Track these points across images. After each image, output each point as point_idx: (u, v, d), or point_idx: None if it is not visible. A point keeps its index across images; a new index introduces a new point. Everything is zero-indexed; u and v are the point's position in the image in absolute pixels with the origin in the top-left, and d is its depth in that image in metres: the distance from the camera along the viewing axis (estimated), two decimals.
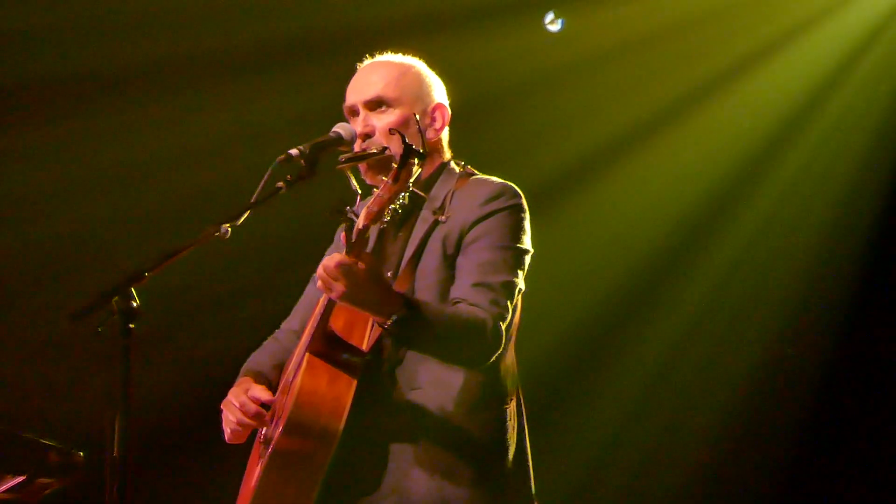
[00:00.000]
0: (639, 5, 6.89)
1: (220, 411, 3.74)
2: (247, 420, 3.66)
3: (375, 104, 3.79)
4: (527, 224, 3.72)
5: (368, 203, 3.36)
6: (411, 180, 3.32)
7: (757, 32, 6.95)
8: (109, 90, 6.44)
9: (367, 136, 3.77)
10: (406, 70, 3.86)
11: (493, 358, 3.57)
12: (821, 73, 6.96)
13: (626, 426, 7.04)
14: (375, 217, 3.34)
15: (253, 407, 3.66)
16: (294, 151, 3.64)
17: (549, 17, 6.94)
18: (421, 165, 3.34)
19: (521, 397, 3.76)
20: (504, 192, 3.71)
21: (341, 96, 3.90)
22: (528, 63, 6.92)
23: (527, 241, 3.71)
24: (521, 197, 3.73)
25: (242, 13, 6.54)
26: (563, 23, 6.94)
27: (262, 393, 3.70)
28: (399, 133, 3.44)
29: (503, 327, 3.55)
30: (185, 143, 6.55)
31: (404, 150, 3.30)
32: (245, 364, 3.92)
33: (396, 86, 3.80)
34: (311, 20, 6.60)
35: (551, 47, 6.93)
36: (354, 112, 3.83)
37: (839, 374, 6.75)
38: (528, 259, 3.70)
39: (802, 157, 6.99)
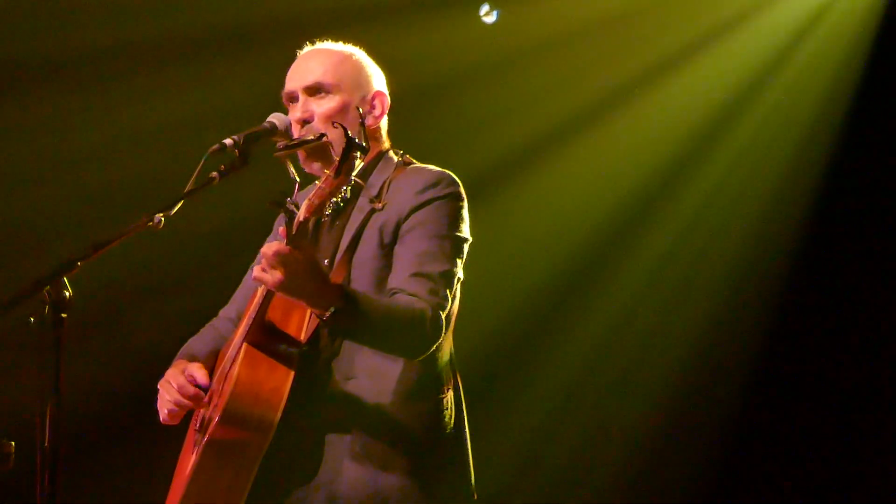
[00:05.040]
0: None
1: (156, 396, 3.71)
2: (184, 401, 3.64)
3: (315, 90, 3.77)
4: (465, 212, 3.71)
5: (310, 195, 3.34)
6: (353, 174, 3.31)
7: (690, 27, 7.00)
8: (41, 78, 6.36)
9: (306, 121, 3.75)
10: (346, 57, 3.85)
11: (433, 348, 3.56)
12: (753, 69, 7.02)
13: (561, 415, 7.08)
14: (316, 210, 3.32)
15: (191, 389, 3.64)
16: (228, 141, 3.61)
17: (484, 8, 6.95)
18: (362, 158, 3.32)
19: (461, 387, 3.76)
20: (441, 179, 3.70)
21: (276, 86, 3.88)
22: (464, 54, 6.93)
23: (465, 230, 3.70)
24: (458, 185, 3.72)
25: (176, 1, 6.49)
26: (497, 14, 6.96)
27: (198, 372, 3.67)
28: (342, 126, 3.40)
29: (442, 317, 3.54)
30: (119, 131, 6.48)
31: (347, 143, 3.28)
32: (181, 349, 3.90)
33: (336, 72, 3.79)
34: (247, 8, 6.56)
35: (486, 39, 6.95)
36: (293, 98, 3.81)
37: (768, 365, 6.83)
38: (466, 248, 3.69)
39: (734, 152, 7.06)
